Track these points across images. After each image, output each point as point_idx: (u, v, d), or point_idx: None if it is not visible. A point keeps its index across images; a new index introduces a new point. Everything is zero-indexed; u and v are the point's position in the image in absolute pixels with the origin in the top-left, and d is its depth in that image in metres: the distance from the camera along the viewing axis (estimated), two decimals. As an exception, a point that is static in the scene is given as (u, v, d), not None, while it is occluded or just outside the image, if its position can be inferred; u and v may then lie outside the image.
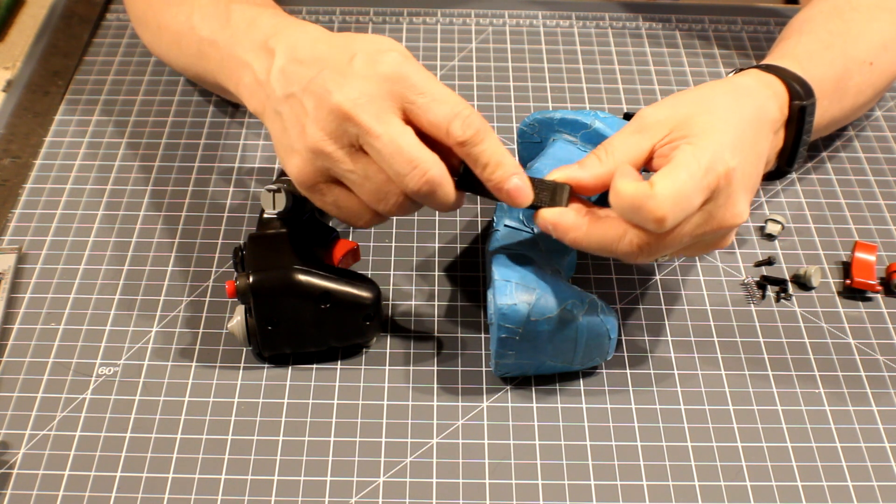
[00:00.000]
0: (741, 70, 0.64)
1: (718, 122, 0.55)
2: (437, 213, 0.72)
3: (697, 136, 0.54)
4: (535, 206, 0.56)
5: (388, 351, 0.63)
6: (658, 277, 0.68)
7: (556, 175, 0.55)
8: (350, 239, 0.68)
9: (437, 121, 0.53)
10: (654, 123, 0.55)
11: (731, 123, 0.55)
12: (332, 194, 0.56)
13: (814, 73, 0.64)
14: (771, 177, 0.65)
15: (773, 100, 0.60)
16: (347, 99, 0.53)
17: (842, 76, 0.68)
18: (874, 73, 0.70)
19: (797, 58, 0.65)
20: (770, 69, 0.63)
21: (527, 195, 0.55)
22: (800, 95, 0.61)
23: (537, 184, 0.56)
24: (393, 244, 0.70)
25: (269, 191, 0.61)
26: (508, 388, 0.61)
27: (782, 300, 0.67)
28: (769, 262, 0.70)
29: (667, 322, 0.66)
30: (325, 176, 0.56)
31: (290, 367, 0.62)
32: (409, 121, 0.54)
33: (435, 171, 0.53)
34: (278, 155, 0.57)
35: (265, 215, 0.61)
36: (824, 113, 0.66)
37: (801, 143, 0.62)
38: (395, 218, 0.72)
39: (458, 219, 0.72)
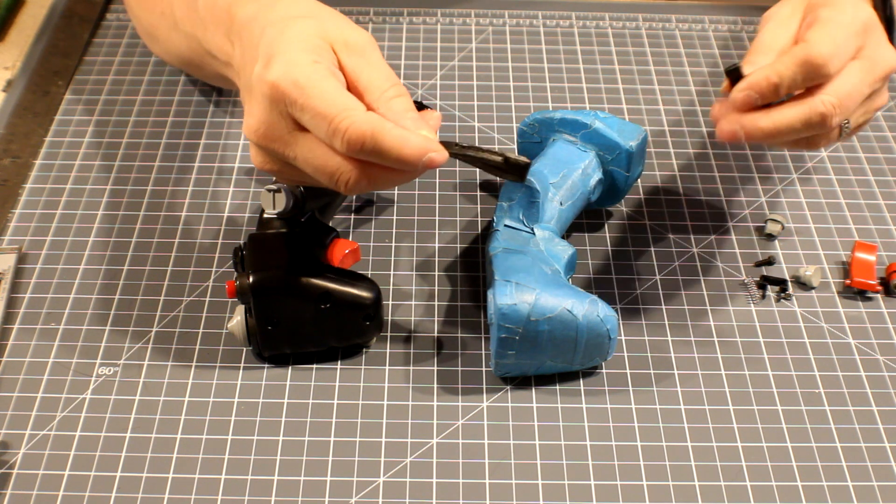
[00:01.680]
0: None
1: None
2: (436, 213, 0.73)
3: (831, 4, 0.60)
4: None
5: (388, 351, 0.63)
6: (658, 277, 0.68)
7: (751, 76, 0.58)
8: (350, 239, 0.68)
9: (322, 139, 0.51)
10: (789, 14, 0.63)
11: None
12: (292, 172, 0.55)
13: None
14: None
15: None
16: (251, 123, 0.53)
17: None
18: None
19: None
20: None
21: (442, 159, 0.51)
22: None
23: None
24: (393, 244, 0.70)
25: (269, 191, 0.61)
26: (508, 388, 0.61)
27: (782, 300, 0.67)
28: (769, 262, 0.70)
29: (667, 322, 0.66)
30: (277, 163, 0.55)
31: (290, 367, 0.62)
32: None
33: (344, 167, 0.51)
34: None
35: (265, 215, 0.61)
36: None
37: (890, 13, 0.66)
38: (394, 218, 0.72)
39: (458, 219, 0.72)
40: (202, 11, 0.63)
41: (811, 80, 0.58)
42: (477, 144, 0.56)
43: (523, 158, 0.57)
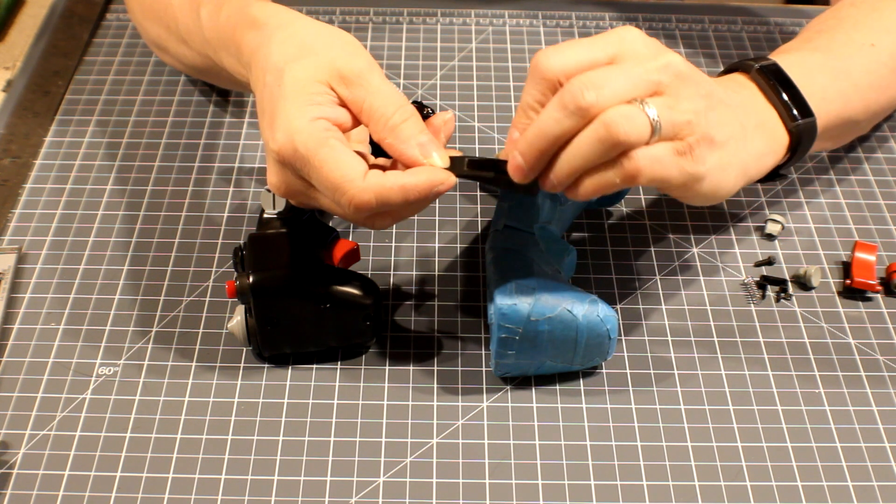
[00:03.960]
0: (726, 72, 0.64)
1: None
2: (436, 213, 0.72)
3: None
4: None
5: (388, 351, 0.63)
6: (658, 277, 0.68)
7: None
8: (350, 239, 0.68)
9: (329, 200, 0.53)
10: None
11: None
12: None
13: (786, 58, 0.63)
14: (767, 179, 0.63)
15: (722, 80, 0.60)
16: (270, 179, 0.55)
17: (833, 55, 0.66)
18: (881, 52, 0.67)
19: (785, 51, 0.65)
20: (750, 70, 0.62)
21: (447, 187, 0.52)
22: (751, 67, 0.61)
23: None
24: (393, 244, 0.70)
25: (269, 191, 0.61)
26: (508, 388, 0.61)
27: (782, 300, 0.67)
28: (769, 262, 0.70)
29: (667, 322, 0.66)
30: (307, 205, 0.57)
31: (290, 367, 0.62)
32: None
33: (359, 212, 0.52)
34: None
35: (265, 215, 0.61)
36: (827, 89, 0.64)
37: (793, 100, 0.61)
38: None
39: (457, 219, 0.72)
40: (207, 33, 0.63)
41: (549, 91, 0.51)
42: (483, 157, 0.55)
43: None
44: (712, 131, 0.52)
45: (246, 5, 0.60)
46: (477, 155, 0.77)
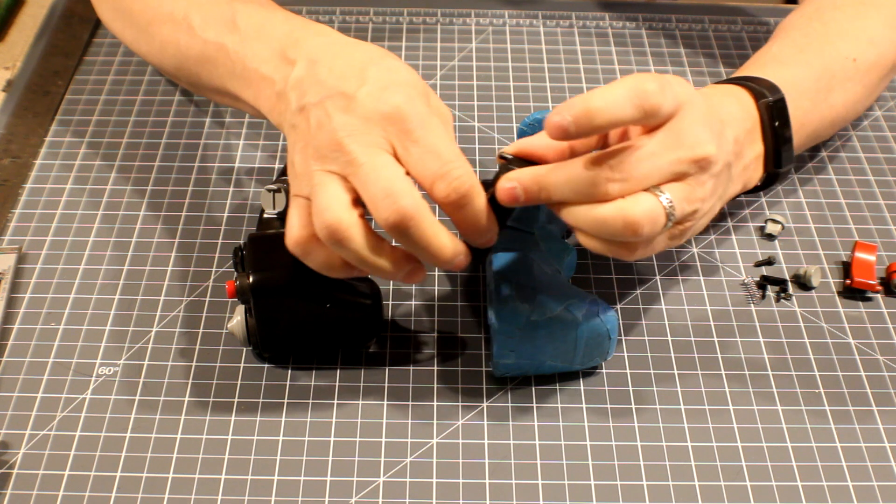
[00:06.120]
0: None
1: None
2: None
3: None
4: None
5: (388, 351, 0.63)
6: (658, 277, 0.68)
7: (516, 148, 0.55)
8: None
9: (423, 176, 0.51)
10: None
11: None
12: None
13: (783, 74, 0.63)
14: (766, 184, 0.63)
15: (732, 100, 0.60)
16: (343, 127, 0.52)
17: (821, 74, 0.67)
18: (860, 68, 0.69)
19: (763, 64, 0.65)
20: (728, 81, 0.62)
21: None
22: (763, 94, 0.60)
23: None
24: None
25: (269, 191, 0.61)
26: (508, 388, 0.61)
27: (782, 300, 0.67)
28: (769, 262, 0.70)
29: (667, 322, 0.66)
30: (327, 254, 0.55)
31: (290, 367, 0.62)
32: (399, 162, 0.52)
33: (407, 201, 0.50)
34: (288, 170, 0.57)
35: (265, 215, 0.61)
36: (808, 114, 0.65)
37: (782, 140, 0.61)
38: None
39: (458, 219, 0.72)
40: (242, 26, 0.61)
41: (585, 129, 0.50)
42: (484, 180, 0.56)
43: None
44: (710, 212, 0.55)
45: (303, 20, 0.60)
46: (476, 155, 0.77)
